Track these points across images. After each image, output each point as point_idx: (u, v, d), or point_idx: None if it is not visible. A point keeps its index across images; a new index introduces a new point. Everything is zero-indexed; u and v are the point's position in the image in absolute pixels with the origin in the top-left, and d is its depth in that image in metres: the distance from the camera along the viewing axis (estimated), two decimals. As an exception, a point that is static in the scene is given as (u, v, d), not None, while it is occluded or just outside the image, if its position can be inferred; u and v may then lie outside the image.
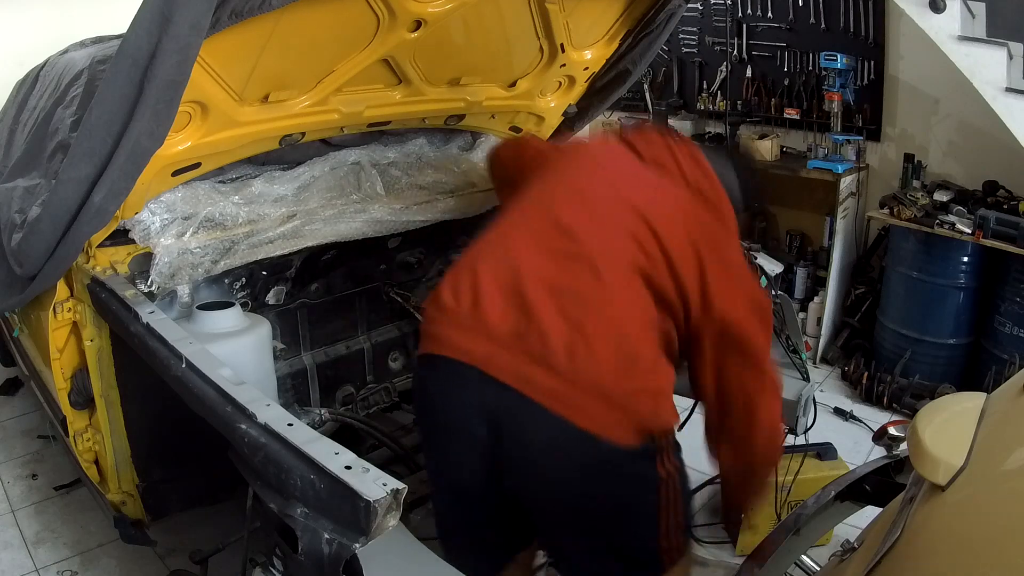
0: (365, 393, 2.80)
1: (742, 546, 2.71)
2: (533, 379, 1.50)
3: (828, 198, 4.24)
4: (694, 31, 4.84)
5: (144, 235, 2.13)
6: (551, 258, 1.64)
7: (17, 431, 3.53)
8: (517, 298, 1.57)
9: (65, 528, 2.85)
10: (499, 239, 1.74)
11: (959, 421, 1.24)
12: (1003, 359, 3.51)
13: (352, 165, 2.61)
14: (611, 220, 1.69)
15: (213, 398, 1.55)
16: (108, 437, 2.22)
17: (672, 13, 2.77)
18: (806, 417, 2.49)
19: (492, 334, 1.55)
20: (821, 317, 4.30)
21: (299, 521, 1.32)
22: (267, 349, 2.24)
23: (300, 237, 2.31)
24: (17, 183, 2.20)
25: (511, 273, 1.61)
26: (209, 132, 2.07)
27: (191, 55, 1.60)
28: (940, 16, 3.31)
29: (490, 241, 1.74)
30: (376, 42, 2.17)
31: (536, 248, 1.66)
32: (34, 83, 2.68)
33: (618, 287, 1.62)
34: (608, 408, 1.50)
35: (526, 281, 1.58)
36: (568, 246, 1.65)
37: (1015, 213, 3.46)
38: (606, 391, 1.51)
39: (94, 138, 1.70)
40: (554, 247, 1.65)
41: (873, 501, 1.86)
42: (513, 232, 1.74)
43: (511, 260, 1.64)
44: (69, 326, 2.14)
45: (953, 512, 1.12)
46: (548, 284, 1.59)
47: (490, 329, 1.55)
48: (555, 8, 2.49)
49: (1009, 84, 3.25)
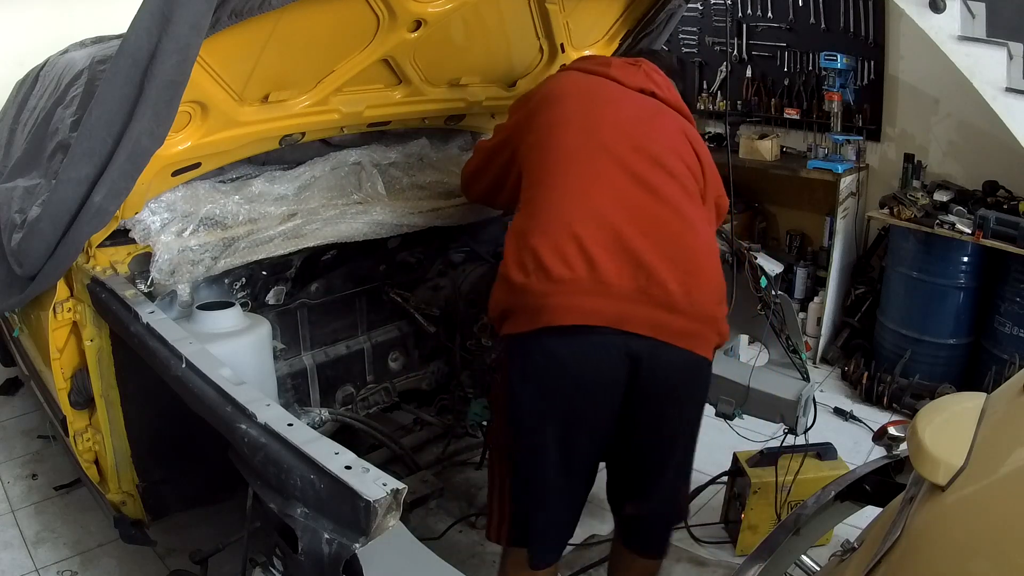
0: (365, 393, 2.79)
1: (742, 546, 2.71)
2: (665, 324, 1.70)
3: (828, 198, 4.25)
4: (694, 31, 4.84)
5: (144, 235, 2.13)
6: (637, 208, 1.77)
7: (17, 431, 3.53)
8: (626, 255, 1.71)
9: (65, 528, 2.85)
10: (581, 200, 1.78)
11: (959, 421, 1.24)
12: (1003, 359, 3.51)
13: (353, 165, 2.61)
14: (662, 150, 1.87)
15: (213, 398, 1.55)
16: (108, 437, 2.21)
17: (672, 13, 2.77)
18: (806, 417, 2.49)
19: (618, 293, 1.68)
20: (821, 317, 4.31)
21: (299, 521, 1.32)
22: (267, 349, 2.24)
23: (300, 237, 2.31)
24: (17, 183, 2.20)
25: (611, 232, 1.72)
26: (209, 132, 2.07)
27: (191, 55, 1.60)
28: (940, 16, 3.31)
29: (573, 203, 1.78)
30: (376, 42, 2.17)
31: (620, 201, 1.77)
32: (34, 83, 2.69)
33: (693, 216, 1.83)
34: (714, 332, 1.79)
35: (628, 237, 1.72)
36: (645, 192, 1.80)
37: (1015, 213, 3.46)
38: (714, 318, 1.79)
39: (94, 138, 1.70)
40: (634, 196, 1.79)
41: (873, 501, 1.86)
42: (591, 189, 1.79)
43: (604, 219, 1.74)
44: (69, 326, 2.14)
45: (953, 512, 1.12)
46: (646, 234, 1.73)
47: (615, 289, 1.68)
48: (555, 8, 2.49)
49: (1009, 84, 3.25)
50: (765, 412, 2.53)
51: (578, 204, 1.77)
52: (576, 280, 1.68)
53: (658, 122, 1.96)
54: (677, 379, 1.79)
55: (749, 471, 2.70)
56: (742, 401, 2.50)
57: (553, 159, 1.87)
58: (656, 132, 1.92)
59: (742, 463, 2.75)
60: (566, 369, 1.73)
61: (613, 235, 1.72)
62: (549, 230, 1.75)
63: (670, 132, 1.95)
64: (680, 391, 1.82)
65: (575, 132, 1.88)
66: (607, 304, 1.68)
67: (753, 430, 2.76)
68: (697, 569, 2.60)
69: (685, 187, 1.85)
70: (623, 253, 1.71)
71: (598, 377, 1.74)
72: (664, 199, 1.80)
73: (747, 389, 2.48)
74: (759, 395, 2.48)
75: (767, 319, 2.49)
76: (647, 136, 1.89)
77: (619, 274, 1.69)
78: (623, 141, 1.85)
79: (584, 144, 1.86)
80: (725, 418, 2.61)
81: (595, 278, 1.68)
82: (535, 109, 2.01)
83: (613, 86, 1.99)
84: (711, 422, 2.65)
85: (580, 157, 1.84)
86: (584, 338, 1.70)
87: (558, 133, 1.89)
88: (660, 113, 1.99)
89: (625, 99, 1.96)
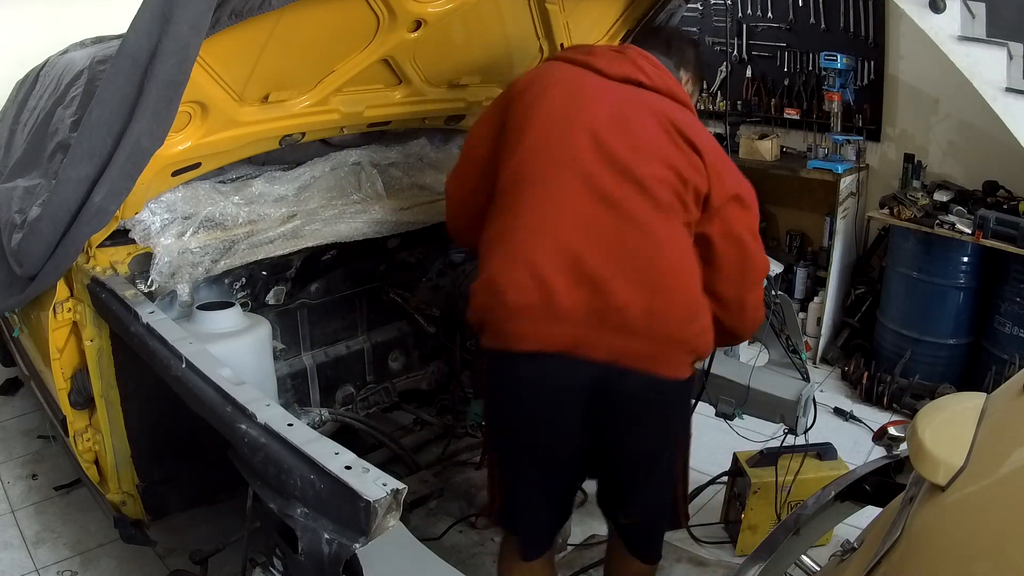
0: (365, 393, 2.79)
1: (742, 546, 2.71)
2: (622, 350, 1.67)
3: (828, 198, 4.25)
4: (694, 31, 4.84)
5: (144, 235, 2.13)
6: (599, 228, 1.70)
7: (17, 431, 3.52)
8: (584, 278, 1.66)
9: (65, 528, 2.85)
10: (540, 223, 1.72)
11: (959, 421, 1.24)
12: (1003, 359, 3.51)
13: (353, 165, 2.61)
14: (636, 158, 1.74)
15: (213, 398, 1.55)
16: (108, 437, 2.22)
17: (672, 13, 2.77)
18: (806, 417, 2.49)
19: (574, 319, 1.65)
20: (821, 317, 4.30)
21: (299, 521, 1.32)
22: (267, 349, 2.24)
23: (300, 237, 2.31)
24: (17, 183, 2.20)
25: (570, 255, 1.67)
26: (209, 132, 2.07)
27: (191, 55, 1.60)
28: (940, 16, 3.31)
29: (530, 227, 1.73)
30: (376, 42, 2.17)
31: (581, 222, 1.70)
32: (34, 83, 2.69)
33: (662, 233, 1.73)
34: (682, 352, 1.74)
35: (587, 259, 1.66)
36: (608, 210, 1.70)
37: (1015, 213, 3.46)
38: (681, 339, 1.73)
39: (94, 138, 1.70)
40: (597, 216, 1.71)
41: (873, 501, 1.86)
42: (551, 212, 1.72)
43: (563, 242, 1.68)
44: (69, 326, 2.14)
45: (953, 512, 1.12)
46: (607, 256, 1.67)
47: (570, 315, 1.65)
48: (555, 8, 2.49)
49: (1009, 84, 3.25)
50: (765, 412, 2.52)
51: (538, 228, 1.72)
52: (531, 306, 1.67)
53: (637, 122, 1.79)
54: (640, 403, 1.76)
55: (749, 471, 2.70)
56: (742, 401, 2.49)
57: (518, 174, 1.79)
58: (633, 136, 1.78)
59: (742, 463, 2.75)
60: (528, 391, 1.75)
61: (572, 258, 1.68)
62: (507, 255, 1.73)
63: (650, 133, 1.79)
64: (644, 415, 1.79)
65: (544, 141, 1.79)
66: (563, 330, 1.67)
67: (753, 430, 2.76)
68: (697, 569, 2.60)
69: (657, 199, 1.73)
70: (581, 277, 1.67)
71: (557, 399, 1.74)
72: (630, 216, 1.71)
73: (747, 389, 2.48)
74: (759, 395, 2.48)
75: (767, 319, 2.49)
76: (622, 142, 1.76)
77: (574, 299, 1.66)
78: (592, 152, 1.73)
79: (550, 157, 1.77)
80: (725, 418, 2.60)
81: (550, 304, 1.66)
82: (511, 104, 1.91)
83: (594, 80, 1.86)
84: (711, 422, 2.66)
85: (545, 174, 1.76)
86: (543, 363, 1.70)
87: (526, 141, 1.80)
88: (641, 110, 1.82)
89: (603, 98, 1.83)
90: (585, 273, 1.66)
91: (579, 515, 2.72)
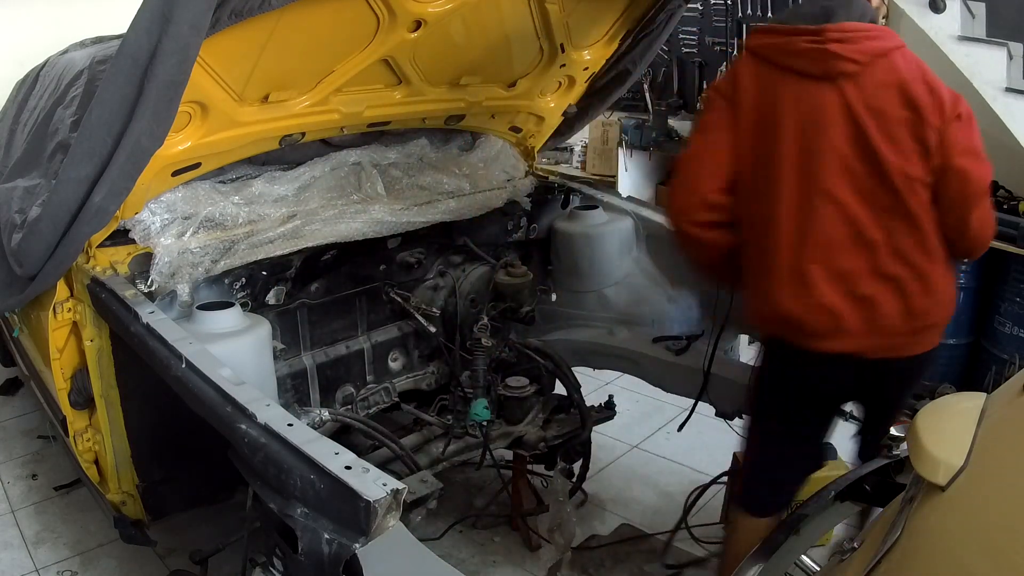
0: (365, 393, 2.79)
1: (742, 546, 2.71)
2: (890, 347, 1.94)
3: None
4: (694, 31, 4.84)
5: (144, 235, 2.13)
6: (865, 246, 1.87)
7: (17, 431, 3.53)
8: (853, 295, 1.88)
9: (65, 528, 2.85)
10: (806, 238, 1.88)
11: (959, 421, 1.24)
12: (1003, 359, 3.51)
13: (353, 165, 2.61)
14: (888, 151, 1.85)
15: (213, 398, 1.55)
16: (108, 437, 2.21)
17: (672, 13, 2.77)
18: (806, 417, 2.48)
19: (852, 330, 1.89)
20: (821, 317, 4.30)
21: (299, 521, 1.32)
22: (267, 349, 2.24)
23: (300, 237, 2.31)
24: (17, 183, 2.20)
25: (840, 277, 1.88)
26: (209, 132, 2.07)
27: (191, 55, 1.60)
28: (940, 16, 3.31)
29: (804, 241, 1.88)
30: (376, 42, 2.17)
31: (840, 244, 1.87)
32: (34, 83, 2.69)
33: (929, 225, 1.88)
34: (937, 332, 2.04)
35: (856, 281, 1.88)
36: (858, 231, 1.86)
37: (1015, 213, 3.45)
38: (934, 325, 2.01)
39: (94, 138, 1.70)
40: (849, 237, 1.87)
41: (873, 501, 1.86)
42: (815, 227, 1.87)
43: (833, 262, 1.88)
44: (69, 326, 2.14)
45: (953, 512, 1.12)
46: (872, 272, 1.87)
47: (850, 327, 1.89)
48: (555, 8, 2.49)
49: (1009, 84, 3.25)
50: (765, 412, 2.52)
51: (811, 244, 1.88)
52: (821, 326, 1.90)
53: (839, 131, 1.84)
54: (905, 375, 2.10)
55: (749, 471, 2.69)
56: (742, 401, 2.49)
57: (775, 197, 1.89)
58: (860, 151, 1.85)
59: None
60: (816, 379, 2.01)
61: (843, 280, 1.88)
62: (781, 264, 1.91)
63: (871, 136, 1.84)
64: (908, 381, 2.16)
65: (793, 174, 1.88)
66: (847, 340, 1.90)
67: (753, 430, 2.76)
68: (697, 569, 2.60)
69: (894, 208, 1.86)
70: (851, 295, 1.88)
71: (836, 387, 2.05)
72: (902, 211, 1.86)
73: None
74: (759, 395, 2.47)
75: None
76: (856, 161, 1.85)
77: (851, 315, 1.88)
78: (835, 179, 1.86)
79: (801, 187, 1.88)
80: (725, 418, 2.61)
81: (832, 317, 1.88)
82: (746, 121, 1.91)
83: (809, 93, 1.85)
84: (711, 422, 2.66)
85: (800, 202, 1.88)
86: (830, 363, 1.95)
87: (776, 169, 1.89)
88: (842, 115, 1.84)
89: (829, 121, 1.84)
90: (854, 292, 1.88)
91: (579, 515, 2.72)
